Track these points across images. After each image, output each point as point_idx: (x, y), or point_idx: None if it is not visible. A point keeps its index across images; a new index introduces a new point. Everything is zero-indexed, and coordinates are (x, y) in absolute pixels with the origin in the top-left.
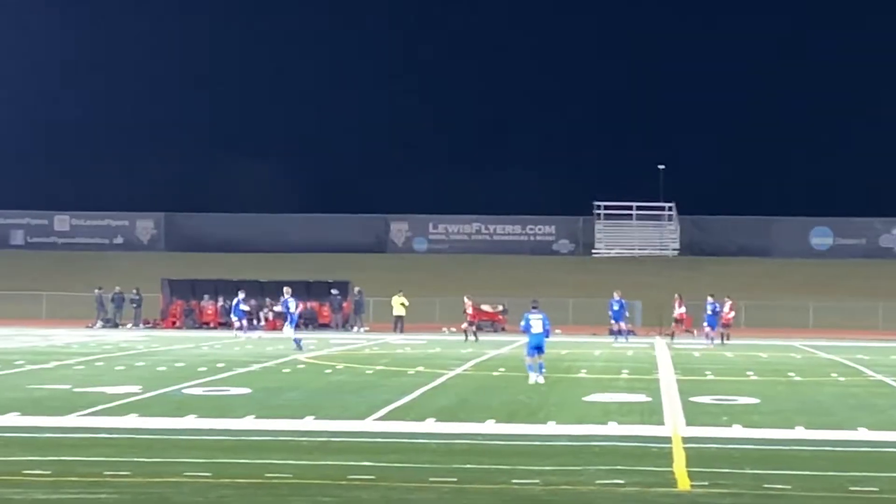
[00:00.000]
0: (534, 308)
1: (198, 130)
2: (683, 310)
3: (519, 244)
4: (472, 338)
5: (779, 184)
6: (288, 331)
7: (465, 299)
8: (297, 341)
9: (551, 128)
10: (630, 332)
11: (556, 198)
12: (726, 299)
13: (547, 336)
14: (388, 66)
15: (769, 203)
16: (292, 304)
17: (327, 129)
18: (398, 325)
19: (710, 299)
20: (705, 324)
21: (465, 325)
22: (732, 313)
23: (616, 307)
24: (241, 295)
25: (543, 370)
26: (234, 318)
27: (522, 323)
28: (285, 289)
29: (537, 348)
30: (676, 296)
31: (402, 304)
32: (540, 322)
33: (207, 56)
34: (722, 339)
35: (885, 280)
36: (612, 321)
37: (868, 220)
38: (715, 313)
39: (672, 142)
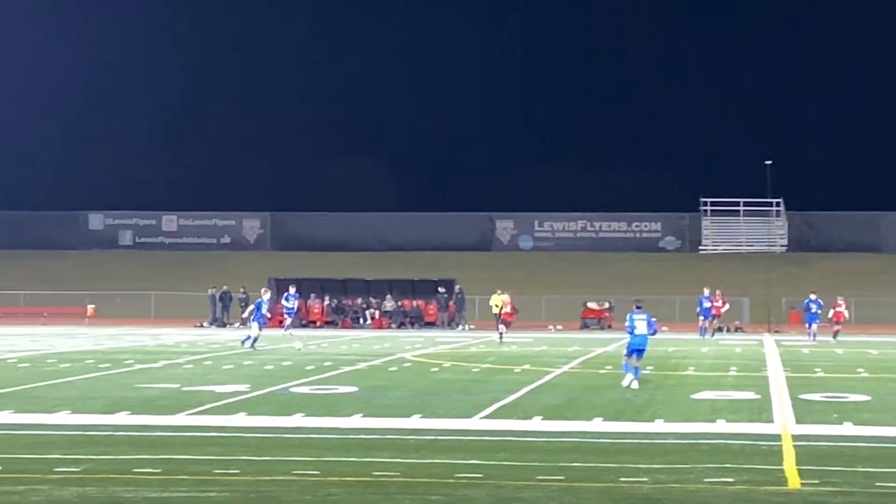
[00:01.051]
0: (637, 308)
1: (303, 130)
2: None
3: (625, 241)
4: (502, 335)
5: (888, 178)
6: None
7: (499, 296)
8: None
9: (657, 124)
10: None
11: (662, 195)
12: (839, 298)
13: (654, 334)
14: (492, 64)
15: (879, 198)
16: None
17: (433, 128)
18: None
19: (812, 296)
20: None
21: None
22: (842, 309)
23: (814, 308)
24: (292, 290)
25: (639, 374)
26: (286, 316)
27: (627, 324)
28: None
29: (638, 351)
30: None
31: (497, 304)
32: (644, 323)
33: (312, 57)
34: (834, 337)
35: None
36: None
37: None
38: (815, 311)
39: (780, 137)
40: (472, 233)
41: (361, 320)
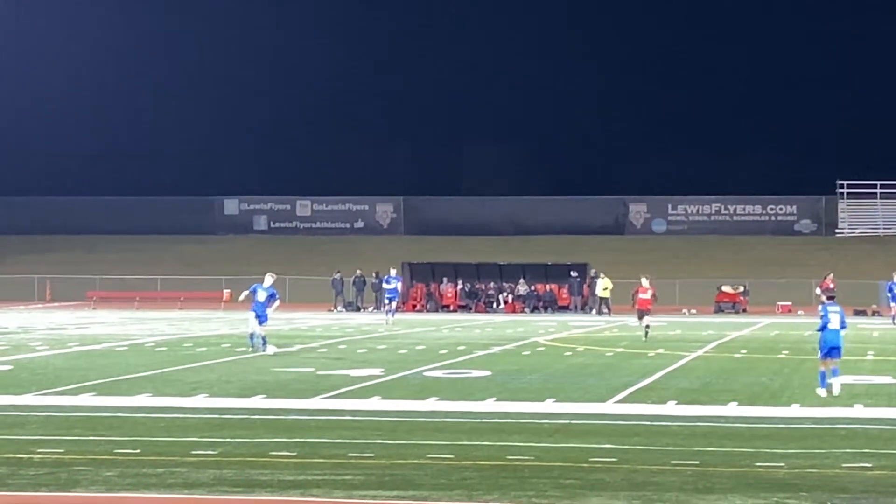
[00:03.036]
0: (830, 300)
1: (437, 115)
2: None
3: (760, 224)
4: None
5: None
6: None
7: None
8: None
9: (793, 106)
10: None
11: (798, 177)
12: None
13: (843, 328)
14: (625, 50)
15: None
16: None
17: (566, 111)
18: (602, 306)
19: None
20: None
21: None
22: None
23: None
24: (393, 272)
25: (838, 374)
26: (387, 299)
27: (821, 316)
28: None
29: (835, 349)
30: None
31: (606, 287)
32: (838, 316)
33: (449, 41)
34: None
35: None
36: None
37: None
38: None
39: None
40: (606, 216)
41: (495, 304)
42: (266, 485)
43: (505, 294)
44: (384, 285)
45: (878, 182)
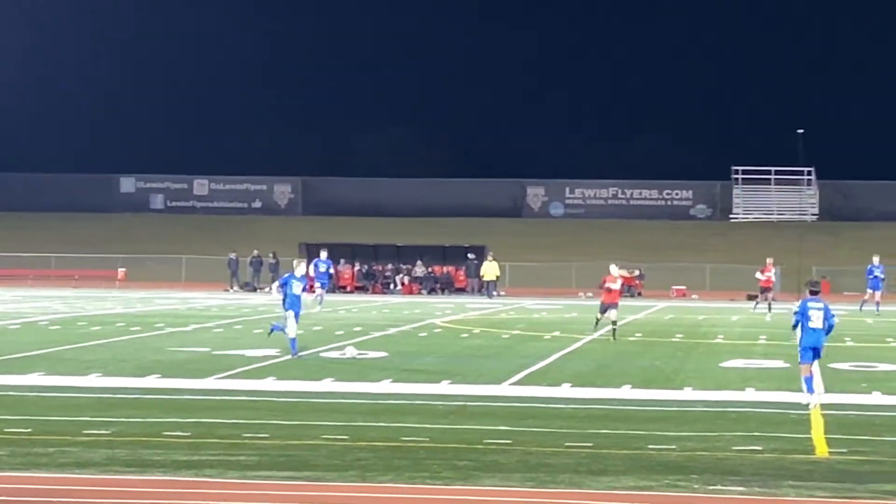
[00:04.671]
0: (813, 294)
1: (336, 96)
2: None
3: (656, 209)
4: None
5: None
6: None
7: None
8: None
9: (689, 92)
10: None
11: (694, 163)
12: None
13: (829, 331)
14: (526, 33)
15: None
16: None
17: (465, 94)
18: (487, 289)
19: (875, 261)
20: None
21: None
22: None
23: (878, 273)
24: (323, 254)
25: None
26: (317, 284)
27: (796, 311)
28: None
29: (814, 350)
30: None
31: (494, 269)
32: (821, 314)
33: (344, 23)
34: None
35: None
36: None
37: None
38: (878, 277)
39: (811, 105)
40: (504, 199)
41: (392, 286)
42: (159, 465)
43: (402, 275)
44: (311, 271)
45: (773, 168)
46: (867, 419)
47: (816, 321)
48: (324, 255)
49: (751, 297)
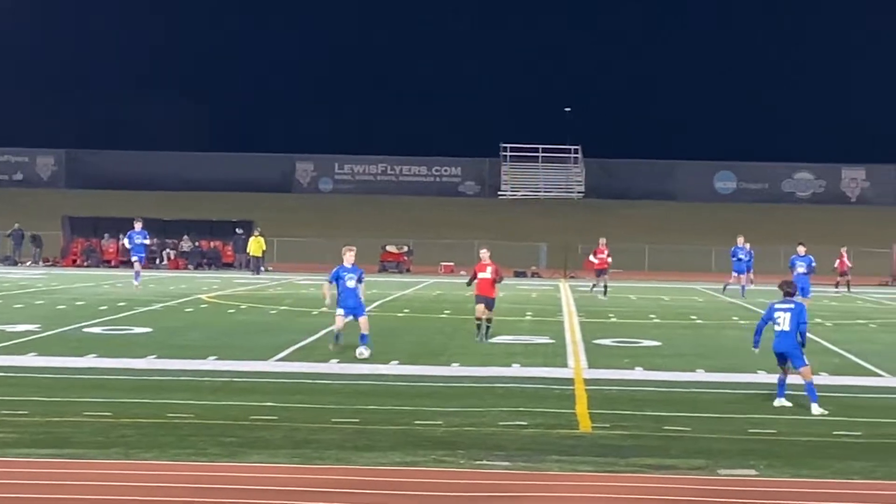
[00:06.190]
0: (787, 295)
1: (103, 66)
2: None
3: (425, 185)
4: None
5: (684, 127)
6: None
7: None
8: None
9: (459, 70)
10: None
11: (463, 140)
12: (843, 250)
13: (802, 337)
14: (301, 8)
15: (674, 147)
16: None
17: (235, 68)
18: (253, 264)
19: (739, 242)
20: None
21: None
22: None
23: (742, 255)
24: (138, 225)
25: (814, 396)
26: (134, 258)
27: (764, 315)
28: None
29: (780, 355)
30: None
31: (259, 245)
32: (788, 317)
33: None
34: (848, 288)
35: (786, 224)
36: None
37: (771, 164)
38: (743, 259)
39: (579, 85)
40: (273, 174)
41: (158, 260)
42: None
43: (168, 250)
44: (126, 243)
45: (540, 146)
46: (629, 394)
47: (783, 323)
48: (138, 226)
49: (518, 274)
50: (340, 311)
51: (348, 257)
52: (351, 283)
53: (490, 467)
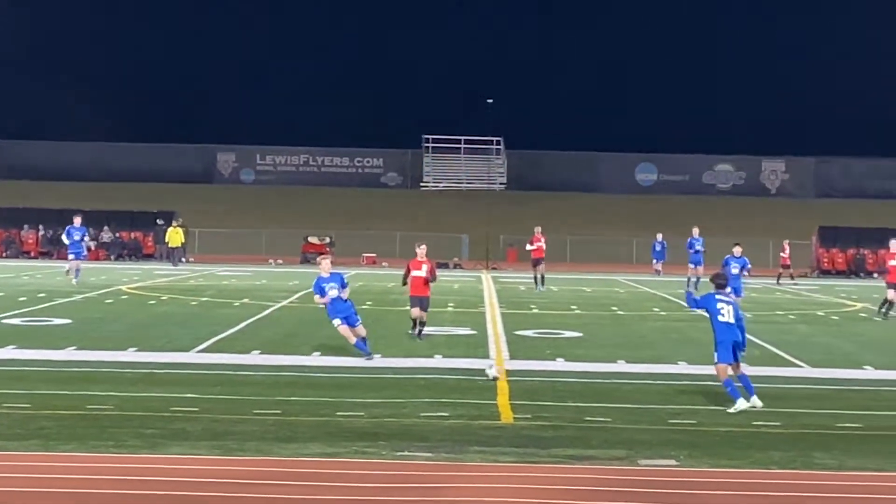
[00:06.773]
0: (719, 288)
1: (19, 54)
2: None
3: (347, 176)
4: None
5: (606, 119)
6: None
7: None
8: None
9: (381, 60)
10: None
11: (385, 131)
12: (785, 243)
13: (742, 331)
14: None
15: (596, 139)
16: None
17: (156, 57)
18: (173, 256)
19: (695, 233)
20: (654, 260)
21: None
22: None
23: (699, 247)
24: (77, 220)
25: (752, 389)
26: (71, 254)
27: (695, 300)
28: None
29: (735, 345)
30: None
31: (178, 236)
32: (731, 310)
33: None
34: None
35: (707, 215)
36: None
37: (691, 156)
38: (699, 250)
39: (501, 76)
40: (194, 165)
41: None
42: None
43: (88, 241)
44: (64, 238)
45: (462, 137)
46: (550, 385)
47: (727, 315)
48: (77, 221)
49: (440, 265)
50: (338, 322)
51: (324, 266)
52: (334, 293)
53: (412, 458)
